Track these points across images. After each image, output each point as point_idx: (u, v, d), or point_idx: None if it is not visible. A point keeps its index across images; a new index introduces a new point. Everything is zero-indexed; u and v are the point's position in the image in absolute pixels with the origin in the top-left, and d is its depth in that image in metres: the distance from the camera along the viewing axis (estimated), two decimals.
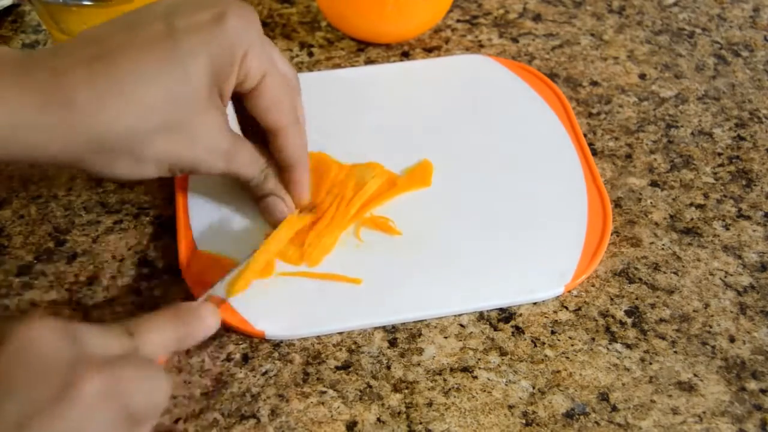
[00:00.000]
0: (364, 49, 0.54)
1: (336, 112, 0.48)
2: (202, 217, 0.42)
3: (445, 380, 0.38)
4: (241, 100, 0.38)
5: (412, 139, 0.47)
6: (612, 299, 0.41)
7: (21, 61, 0.33)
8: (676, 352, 0.39)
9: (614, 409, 0.37)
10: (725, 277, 0.42)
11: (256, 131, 0.39)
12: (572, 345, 0.39)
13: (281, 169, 0.40)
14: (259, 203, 0.41)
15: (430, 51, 0.54)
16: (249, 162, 0.39)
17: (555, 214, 0.43)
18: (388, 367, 0.38)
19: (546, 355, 0.39)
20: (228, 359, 0.38)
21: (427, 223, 0.43)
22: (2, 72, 0.32)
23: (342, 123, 0.48)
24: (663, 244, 0.44)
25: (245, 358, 0.38)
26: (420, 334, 0.39)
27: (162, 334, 0.32)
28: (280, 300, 0.39)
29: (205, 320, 0.34)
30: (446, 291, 0.40)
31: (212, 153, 0.37)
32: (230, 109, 0.39)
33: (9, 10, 0.55)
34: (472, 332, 0.40)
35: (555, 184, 0.45)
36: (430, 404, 0.37)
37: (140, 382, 0.29)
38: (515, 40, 0.55)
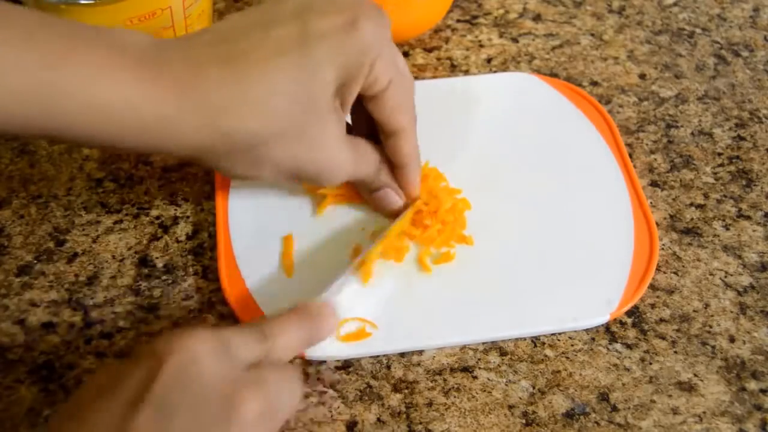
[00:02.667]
0: None
1: None
2: (243, 238, 0.42)
3: (445, 380, 0.38)
4: (360, 101, 0.38)
5: (455, 159, 0.46)
6: None
7: (154, 49, 0.33)
8: (676, 352, 0.39)
9: (614, 409, 0.37)
10: (725, 277, 0.42)
11: (367, 129, 0.40)
12: (572, 345, 0.39)
13: (394, 167, 0.41)
14: (372, 195, 0.42)
15: (430, 51, 0.54)
16: (369, 161, 0.39)
17: (601, 240, 0.43)
18: (388, 367, 0.38)
19: (546, 355, 0.39)
20: None
21: (470, 248, 0.42)
22: (140, 59, 0.32)
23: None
24: (663, 244, 0.44)
25: None
26: None
27: (292, 337, 0.33)
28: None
29: (329, 321, 0.35)
30: (490, 317, 0.39)
31: (334, 159, 0.37)
32: None
33: None
34: None
35: (601, 209, 0.44)
36: (430, 404, 0.37)
37: (285, 392, 0.30)
38: (515, 40, 0.55)
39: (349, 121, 0.41)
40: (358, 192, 0.43)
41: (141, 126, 0.32)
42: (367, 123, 0.39)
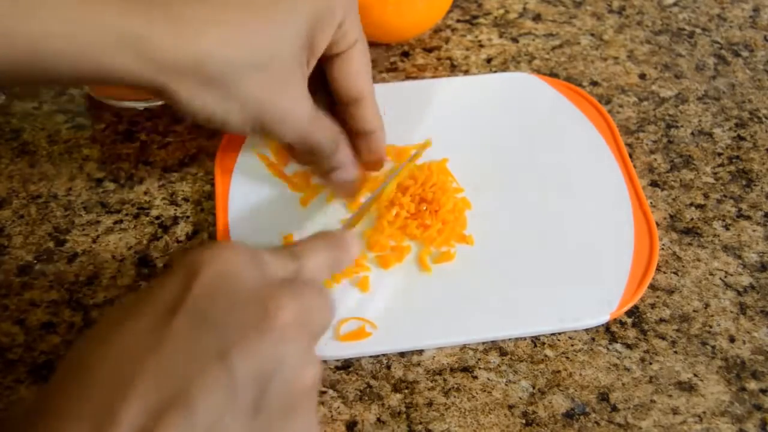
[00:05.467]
0: None
1: None
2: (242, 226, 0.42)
3: (445, 380, 0.38)
4: (316, 72, 0.38)
5: (455, 159, 0.46)
6: None
7: None
8: (676, 352, 0.39)
9: (614, 409, 0.37)
10: (725, 277, 0.42)
11: (327, 108, 0.40)
12: (572, 345, 0.39)
13: (358, 136, 0.40)
14: (329, 176, 0.41)
15: (430, 51, 0.54)
16: (326, 129, 0.39)
17: (601, 240, 0.43)
18: (388, 367, 0.38)
19: (546, 355, 0.39)
20: None
21: (470, 248, 0.42)
22: None
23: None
24: (663, 244, 0.44)
25: None
26: None
27: (320, 259, 0.33)
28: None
29: (352, 247, 0.35)
30: (490, 317, 0.39)
31: (297, 109, 0.37)
32: None
33: None
34: None
35: (601, 209, 0.44)
36: (430, 404, 0.37)
37: (320, 305, 0.30)
38: (515, 40, 0.55)
39: None
40: (316, 172, 0.43)
41: (108, 42, 0.31)
42: (323, 103, 0.39)
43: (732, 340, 0.40)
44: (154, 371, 0.25)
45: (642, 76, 0.53)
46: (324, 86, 0.39)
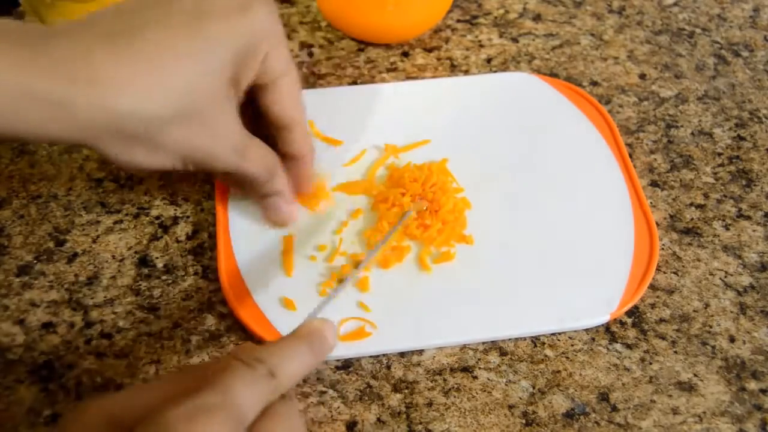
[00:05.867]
0: (364, 49, 0.54)
1: (378, 126, 0.47)
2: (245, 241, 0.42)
3: (445, 380, 0.38)
4: (250, 96, 0.38)
5: (455, 159, 0.46)
6: None
7: (42, 31, 0.32)
8: (676, 352, 0.39)
9: (614, 409, 0.37)
10: (725, 277, 0.42)
11: (259, 130, 0.39)
12: (572, 345, 0.39)
13: (289, 160, 0.40)
14: (263, 202, 0.41)
15: (430, 51, 0.54)
16: (260, 159, 0.39)
17: (601, 240, 0.43)
18: (388, 367, 0.38)
19: (546, 355, 0.39)
20: None
21: (470, 247, 0.42)
22: (19, 41, 0.30)
23: (383, 138, 0.47)
24: (663, 244, 0.44)
25: None
26: None
27: (298, 366, 0.31)
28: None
29: (330, 342, 0.33)
30: (490, 317, 0.39)
31: (227, 146, 0.36)
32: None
33: (8, 10, 0.55)
34: None
35: (601, 209, 0.44)
36: (430, 404, 0.37)
37: None
38: (515, 40, 0.55)
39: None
40: (252, 197, 0.42)
41: (16, 109, 0.30)
42: (257, 130, 0.39)
43: (732, 340, 0.40)
44: None
45: (642, 76, 0.53)
46: (256, 115, 0.39)
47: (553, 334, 0.40)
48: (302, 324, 0.33)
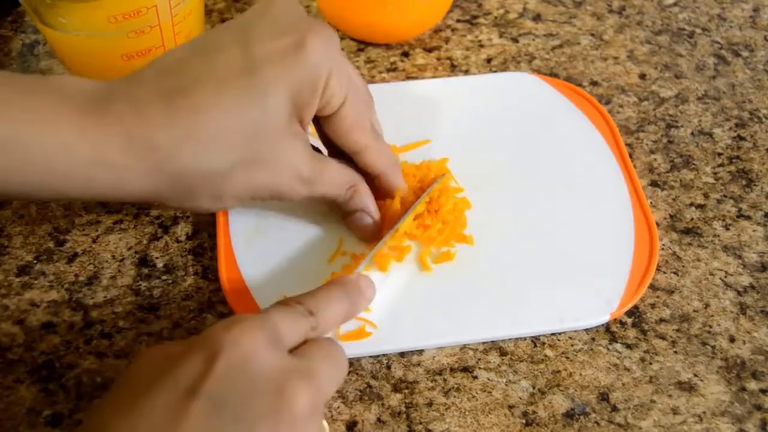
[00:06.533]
0: (364, 49, 0.54)
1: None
2: (244, 243, 0.42)
3: (445, 380, 0.38)
4: (320, 123, 0.37)
5: (456, 159, 0.46)
6: None
7: (97, 92, 0.32)
8: (676, 352, 0.39)
9: (614, 409, 0.37)
10: (725, 277, 0.43)
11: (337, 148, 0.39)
12: (572, 345, 0.39)
13: (372, 177, 0.40)
14: (346, 219, 0.41)
15: (430, 51, 0.54)
16: (334, 182, 0.38)
17: (601, 240, 0.42)
18: (388, 367, 0.38)
19: (546, 355, 0.39)
20: None
21: (470, 247, 0.42)
22: (81, 105, 0.31)
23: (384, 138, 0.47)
24: (663, 244, 0.44)
25: None
26: None
27: (336, 310, 0.33)
28: None
29: (367, 293, 0.35)
30: (490, 317, 0.39)
31: (294, 180, 0.36)
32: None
33: (8, 10, 0.55)
34: None
35: (601, 209, 0.44)
36: (430, 404, 0.37)
37: (333, 373, 0.30)
38: (515, 40, 0.55)
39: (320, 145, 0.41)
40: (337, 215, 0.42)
41: (85, 175, 0.31)
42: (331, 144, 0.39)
43: (732, 340, 0.40)
44: None
45: (642, 76, 0.53)
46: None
47: (553, 334, 0.40)
48: (339, 276, 0.35)
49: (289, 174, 0.35)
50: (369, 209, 0.40)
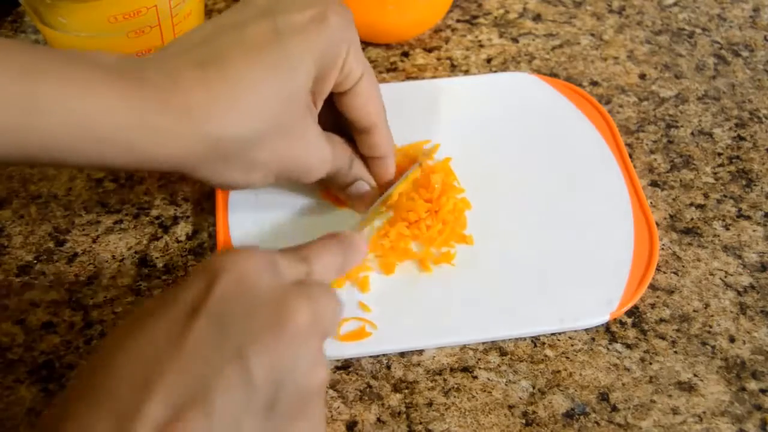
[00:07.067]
0: (364, 49, 0.54)
1: None
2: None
3: (445, 380, 0.38)
4: (330, 100, 0.38)
5: (456, 159, 0.46)
6: None
7: (130, 62, 0.33)
8: (676, 352, 0.39)
9: (614, 409, 0.37)
10: (725, 277, 0.43)
11: (333, 127, 0.40)
12: (572, 345, 0.39)
13: (368, 161, 0.41)
14: (346, 190, 0.42)
15: (430, 51, 0.54)
16: (343, 155, 0.40)
17: (601, 240, 0.42)
18: (388, 367, 0.38)
19: (546, 355, 0.39)
20: None
21: (470, 248, 0.42)
22: (118, 72, 0.31)
23: None
24: (663, 244, 0.44)
25: None
26: None
27: (329, 260, 0.34)
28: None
29: (360, 247, 0.36)
30: (490, 317, 0.39)
31: (318, 153, 0.37)
32: None
33: (8, 10, 0.55)
34: None
35: (601, 209, 0.44)
36: (430, 404, 0.37)
37: (330, 307, 0.31)
38: (515, 40, 0.55)
39: None
40: (328, 189, 0.43)
41: (125, 139, 0.31)
42: (332, 122, 0.40)
43: (732, 340, 0.40)
44: (176, 370, 0.26)
45: (642, 76, 0.53)
46: (331, 110, 0.39)
47: (553, 334, 0.40)
48: (334, 232, 0.35)
49: (315, 147, 0.37)
50: (366, 176, 0.41)
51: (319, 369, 0.29)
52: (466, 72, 0.53)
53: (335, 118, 0.40)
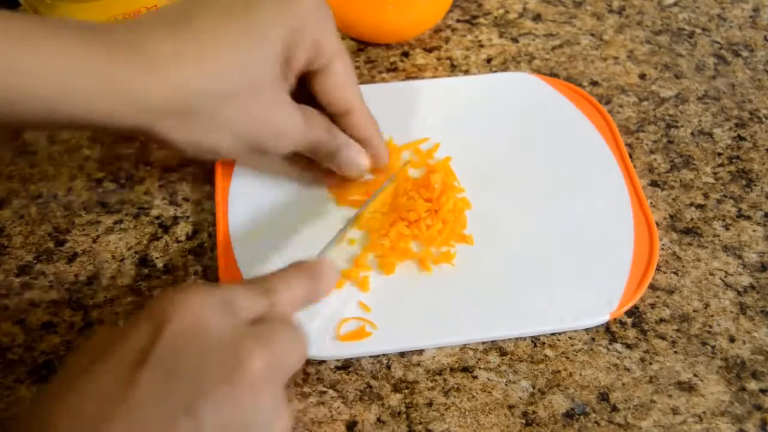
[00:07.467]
0: (364, 49, 0.54)
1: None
2: (244, 239, 0.42)
3: (445, 380, 0.38)
4: (306, 84, 0.38)
5: (456, 159, 0.46)
6: None
7: (100, 24, 0.33)
8: (676, 352, 0.39)
9: (614, 409, 0.37)
10: (725, 277, 0.43)
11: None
12: (572, 345, 0.39)
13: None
14: (334, 162, 0.41)
15: (430, 51, 0.54)
16: (319, 124, 0.39)
17: (601, 240, 0.43)
18: (388, 367, 0.38)
19: (546, 355, 0.39)
20: None
21: (470, 247, 0.42)
22: (86, 30, 0.32)
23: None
24: (663, 244, 0.44)
25: None
26: None
27: (295, 292, 0.32)
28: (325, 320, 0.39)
29: (329, 276, 0.34)
30: (490, 317, 0.39)
31: (288, 120, 0.37)
32: None
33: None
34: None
35: (601, 209, 0.44)
36: (430, 404, 0.37)
37: (291, 347, 0.29)
38: (515, 40, 0.55)
39: None
40: (318, 166, 0.43)
41: (93, 90, 0.31)
42: (310, 103, 0.40)
43: (732, 340, 0.40)
44: (121, 428, 0.24)
45: (642, 76, 0.53)
46: (311, 99, 0.39)
47: (553, 334, 0.40)
48: (300, 260, 0.34)
49: (285, 112, 0.37)
50: (352, 142, 0.41)
51: (280, 417, 0.27)
52: (466, 72, 0.53)
53: (313, 103, 0.39)
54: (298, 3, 0.36)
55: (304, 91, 0.39)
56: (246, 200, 0.43)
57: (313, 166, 0.43)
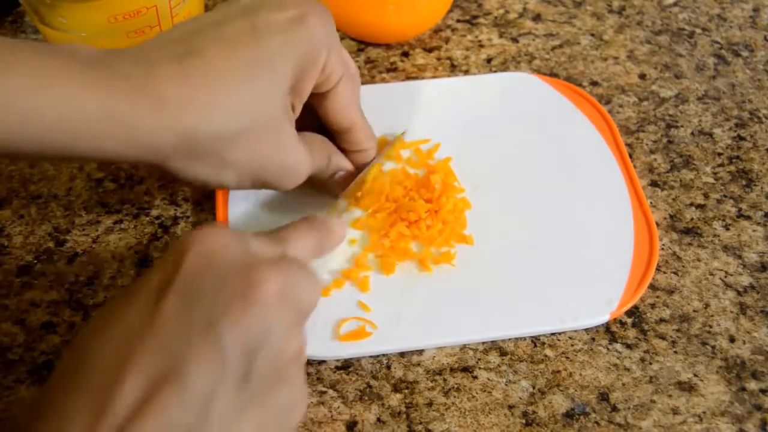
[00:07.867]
0: (364, 49, 0.54)
1: (377, 126, 0.46)
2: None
3: (445, 380, 0.38)
4: (310, 102, 0.38)
5: (455, 159, 0.46)
6: None
7: (106, 54, 0.32)
8: (676, 352, 0.39)
9: (614, 409, 0.37)
10: (725, 277, 0.43)
11: (312, 124, 0.40)
12: (572, 345, 0.39)
13: (348, 154, 0.41)
14: (328, 182, 0.41)
15: (430, 51, 0.54)
16: (322, 155, 0.40)
17: (601, 240, 0.42)
18: (388, 367, 0.38)
19: (546, 355, 0.39)
20: None
21: (470, 248, 0.42)
22: (90, 63, 0.31)
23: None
24: (663, 244, 0.44)
25: None
26: None
27: (305, 244, 0.34)
28: (323, 319, 0.39)
29: (337, 231, 0.36)
30: (490, 317, 0.39)
31: (295, 157, 0.37)
32: None
33: (8, 10, 0.55)
34: None
35: (601, 209, 0.44)
36: (430, 404, 0.37)
37: (305, 281, 0.30)
38: (515, 40, 0.55)
39: None
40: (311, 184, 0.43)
41: (95, 130, 0.31)
42: (310, 122, 0.40)
43: (732, 340, 0.40)
44: (147, 349, 0.26)
45: (642, 76, 0.53)
46: (310, 111, 0.39)
47: (553, 334, 0.40)
48: (312, 217, 0.35)
49: (292, 150, 0.36)
50: (347, 167, 0.41)
51: (294, 339, 0.29)
52: (466, 72, 0.53)
53: (314, 119, 0.40)
54: (306, 27, 0.35)
55: (305, 108, 0.39)
56: (246, 200, 0.43)
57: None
